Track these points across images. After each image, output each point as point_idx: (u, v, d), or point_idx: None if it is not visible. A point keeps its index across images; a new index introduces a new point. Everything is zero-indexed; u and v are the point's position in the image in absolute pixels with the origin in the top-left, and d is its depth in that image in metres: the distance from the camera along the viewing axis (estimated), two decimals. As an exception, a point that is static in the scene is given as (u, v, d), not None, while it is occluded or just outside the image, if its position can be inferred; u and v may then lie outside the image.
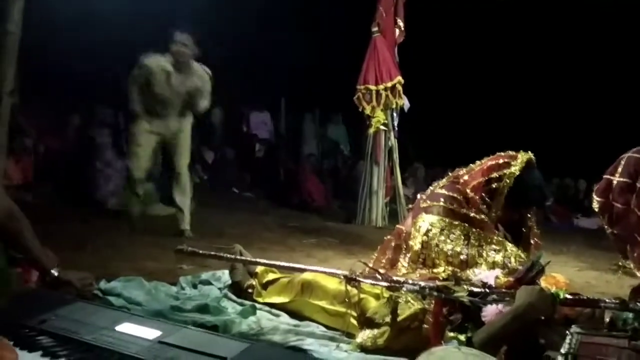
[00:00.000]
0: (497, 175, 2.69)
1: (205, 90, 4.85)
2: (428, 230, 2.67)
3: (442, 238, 2.64)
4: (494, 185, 2.69)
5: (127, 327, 1.69)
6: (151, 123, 4.82)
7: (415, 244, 2.71)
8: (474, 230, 2.64)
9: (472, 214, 2.67)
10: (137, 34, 6.67)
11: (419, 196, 2.94)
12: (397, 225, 3.06)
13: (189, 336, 1.65)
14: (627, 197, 2.18)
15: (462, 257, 2.59)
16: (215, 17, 8.12)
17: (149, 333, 1.62)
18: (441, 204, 2.72)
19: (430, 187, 2.91)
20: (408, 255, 2.78)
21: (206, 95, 4.88)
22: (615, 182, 2.23)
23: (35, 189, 5.98)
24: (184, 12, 7.31)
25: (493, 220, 2.73)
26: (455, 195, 2.74)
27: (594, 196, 2.32)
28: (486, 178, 2.72)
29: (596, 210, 2.31)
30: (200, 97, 4.84)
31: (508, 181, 2.67)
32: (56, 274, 2.05)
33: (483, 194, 2.71)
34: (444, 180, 2.89)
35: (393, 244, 2.93)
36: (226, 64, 9.02)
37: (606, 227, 2.29)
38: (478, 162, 2.84)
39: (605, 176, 2.30)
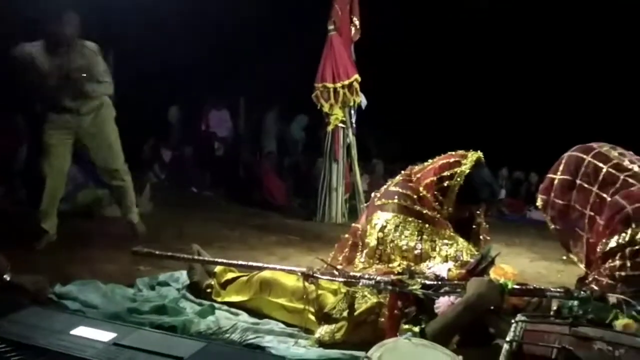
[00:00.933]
0: (449, 174, 2.78)
1: (94, 69, 4.17)
2: (383, 227, 2.75)
3: (397, 234, 2.72)
4: (445, 184, 2.77)
5: (82, 331, 1.69)
6: (58, 120, 4.22)
7: (371, 240, 2.77)
8: (427, 226, 2.73)
9: (425, 211, 2.75)
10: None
11: (373, 194, 3.01)
12: (353, 224, 3.11)
13: (145, 337, 1.66)
14: (568, 194, 2.28)
15: (416, 252, 2.67)
16: (173, 16, 8.05)
17: (104, 336, 1.63)
18: (395, 201, 2.80)
19: (384, 185, 2.98)
20: (365, 251, 2.85)
21: (97, 74, 4.20)
22: (556, 180, 2.33)
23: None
24: (139, 13, 7.22)
25: (445, 217, 2.81)
26: (408, 192, 2.82)
27: (538, 195, 2.43)
28: (438, 176, 2.80)
29: (540, 208, 2.42)
30: (89, 77, 4.15)
31: (459, 179, 2.75)
32: (8, 278, 2.02)
33: (435, 192, 2.79)
34: (398, 177, 2.97)
35: (350, 242, 3.00)
36: (184, 62, 8.96)
37: (549, 223, 2.40)
38: (430, 161, 2.92)
39: (548, 175, 2.41)
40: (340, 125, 6.61)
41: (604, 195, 2.18)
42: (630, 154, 2.31)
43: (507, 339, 1.62)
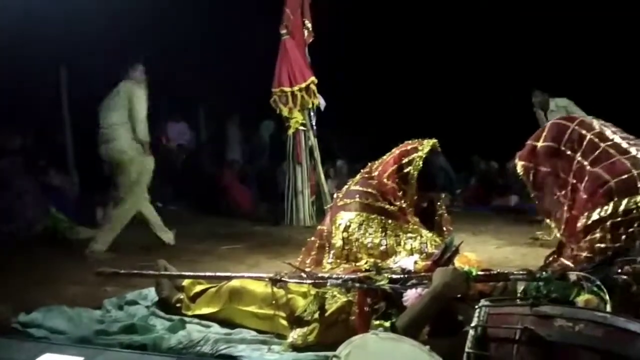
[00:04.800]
0: (408, 160, 2.83)
1: None
2: (347, 227, 2.77)
3: (361, 232, 2.74)
4: (405, 170, 2.82)
5: (48, 358, 1.65)
6: None
7: (337, 241, 2.79)
8: (390, 221, 2.77)
9: (386, 206, 2.78)
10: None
11: (335, 195, 3.03)
12: (319, 226, 3.13)
13: (113, 358, 1.63)
14: (553, 161, 2.28)
15: (381, 248, 2.70)
16: (125, 30, 7.93)
17: (70, 360, 1.59)
18: (357, 200, 2.82)
19: (345, 186, 3.01)
20: (332, 252, 2.86)
21: None
22: (539, 147, 2.32)
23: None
24: (94, 24, 7.10)
25: (410, 206, 2.85)
26: (369, 190, 2.85)
27: (517, 161, 2.40)
28: (398, 165, 2.85)
29: (520, 174, 2.39)
30: None
31: (418, 164, 2.80)
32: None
33: (397, 180, 2.83)
34: (357, 177, 3.00)
35: (317, 244, 3.01)
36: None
37: (530, 189, 2.39)
38: (388, 154, 2.95)
39: (528, 142, 2.39)
40: (301, 128, 6.63)
41: (585, 163, 2.19)
42: (612, 126, 2.33)
43: (472, 324, 1.65)
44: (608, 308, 1.88)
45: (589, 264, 2.10)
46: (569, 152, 2.24)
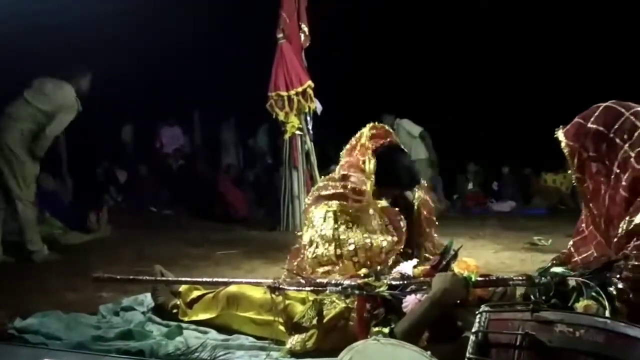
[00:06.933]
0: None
1: None
2: (313, 225, 2.78)
3: (323, 226, 2.74)
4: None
5: (44, 364, 1.63)
6: None
7: (306, 237, 2.81)
8: (357, 221, 2.75)
9: (353, 205, 2.77)
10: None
11: (305, 203, 3.04)
12: (298, 233, 3.13)
13: (110, 365, 1.61)
14: (600, 146, 2.16)
15: (350, 247, 2.69)
16: (120, 33, 7.93)
17: (67, 367, 1.57)
18: (326, 207, 2.80)
19: (312, 193, 3.00)
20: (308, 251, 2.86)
21: None
22: (587, 127, 2.19)
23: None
24: (89, 29, 7.09)
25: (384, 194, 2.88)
26: (334, 192, 2.83)
27: (562, 139, 2.24)
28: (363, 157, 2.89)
29: (565, 152, 2.25)
30: None
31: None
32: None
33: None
34: (320, 183, 3.00)
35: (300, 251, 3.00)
36: (134, 79, 8.83)
37: (572, 170, 2.26)
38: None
39: (577, 120, 2.25)
40: (297, 132, 6.62)
41: (632, 154, 2.08)
42: None
43: (473, 330, 1.65)
44: (607, 314, 1.88)
45: (588, 269, 2.10)
46: (618, 141, 2.12)
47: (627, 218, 2.03)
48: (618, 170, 2.11)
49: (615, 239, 2.09)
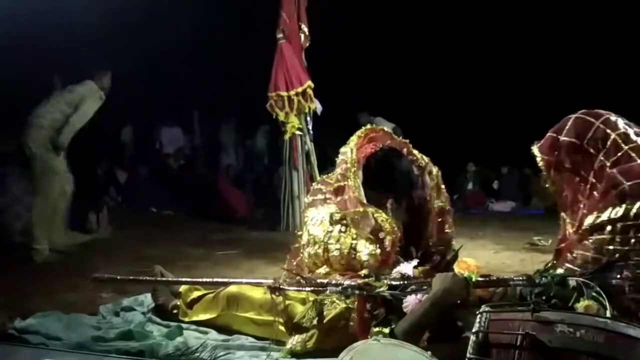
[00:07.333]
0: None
1: None
2: (307, 224, 2.84)
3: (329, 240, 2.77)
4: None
5: (44, 365, 1.63)
6: None
7: (304, 237, 2.86)
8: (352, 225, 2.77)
9: (348, 210, 2.77)
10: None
11: (305, 203, 3.05)
12: (298, 233, 3.14)
13: (111, 365, 1.61)
14: (574, 157, 2.22)
15: (335, 252, 2.73)
16: (119, 33, 7.92)
17: (68, 367, 1.57)
18: (325, 209, 2.81)
19: (308, 198, 3.02)
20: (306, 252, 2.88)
21: None
22: (561, 140, 2.24)
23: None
24: (89, 30, 7.09)
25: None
26: (323, 190, 2.85)
27: (538, 153, 2.32)
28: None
29: (542, 167, 2.33)
30: None
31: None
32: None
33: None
34: (312, 189, 3.02)
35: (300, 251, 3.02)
36: (134, 80, 8.82)
37: (548, 183, 2.33)
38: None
39: (550, 134, 2.31)
40: (297, 133, 6.62)
41: (607, 164, 2.14)
42: (635, 126, 2.25)
43: (473, 330, 1.65)
44: (607, 314, 1.88)
45: (588, 270, 2.10)
46: (591, 150, 2.18)
47: (595, 213, 2.11)
48: (594, 180, 2.16)
49: (580, 231, 2.16)
